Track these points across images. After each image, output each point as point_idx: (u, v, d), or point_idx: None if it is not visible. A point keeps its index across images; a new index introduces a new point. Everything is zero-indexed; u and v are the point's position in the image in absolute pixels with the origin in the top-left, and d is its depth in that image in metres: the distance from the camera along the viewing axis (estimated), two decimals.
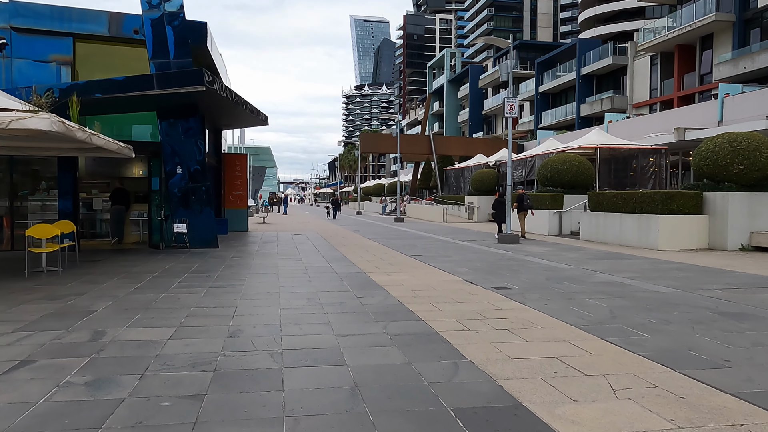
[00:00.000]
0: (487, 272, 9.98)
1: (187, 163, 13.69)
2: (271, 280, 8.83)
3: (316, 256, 12.63)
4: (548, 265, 11.14)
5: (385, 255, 12.92)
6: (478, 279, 9.10)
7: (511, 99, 16.65)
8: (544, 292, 7.79)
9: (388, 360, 4.47)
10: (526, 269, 10.46)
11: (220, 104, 14.89)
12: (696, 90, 32.99)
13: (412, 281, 8.81)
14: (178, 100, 13.18)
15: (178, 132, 13.69)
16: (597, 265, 11.02)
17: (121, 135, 14.21)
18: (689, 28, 31.74)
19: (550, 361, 4.48)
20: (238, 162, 21.12)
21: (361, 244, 16.11)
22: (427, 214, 35.22)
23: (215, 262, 11.22)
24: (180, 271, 9.78)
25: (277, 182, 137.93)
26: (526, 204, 17.90)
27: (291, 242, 16.40)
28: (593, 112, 41.35)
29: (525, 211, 17.97)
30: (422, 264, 11.20)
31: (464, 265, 11.07)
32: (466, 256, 12.87)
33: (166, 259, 11.69)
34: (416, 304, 6.84)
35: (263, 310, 6.48)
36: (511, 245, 15.81)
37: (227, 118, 18.40)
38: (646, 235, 14.79)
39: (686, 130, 24.58)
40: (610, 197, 16.59)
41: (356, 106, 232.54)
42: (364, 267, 10.58)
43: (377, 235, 19.58)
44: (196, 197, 13.79)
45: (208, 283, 8.46)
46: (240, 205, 21.09)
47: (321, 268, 10.34)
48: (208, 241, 13.93)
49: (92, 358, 4.43)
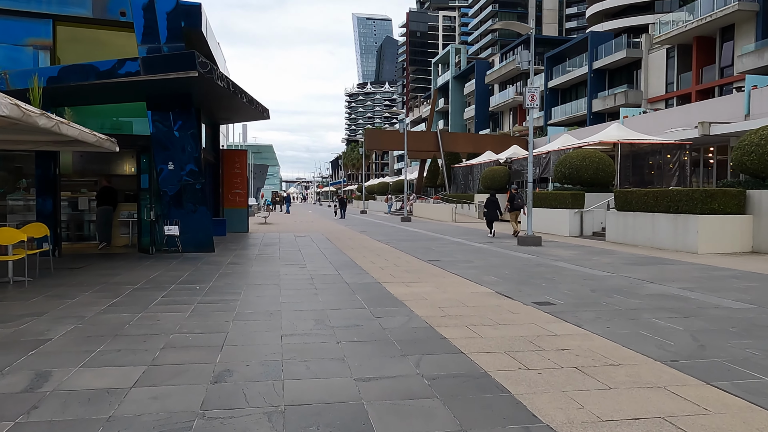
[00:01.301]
0: (519, 282, 8.69)
1: (179, 158, 12.43)
2: (272, 293, 7.56)
3: (322, 261, 11.35)
4: (584, 272, 9.85)
5: (399, 260, 11.64)
6: (512, 291, 7.81)
7: (532, 89, 15.35)
8: (597, 310, 6.50)
9: (434, 426, 3.19)
10: (561, 278, 9.17)
11: (217, 95, 13.63)
12: (716, 83, 31.60)
13: (437, 294, 7.53)
14: (169, 88, 11.92)
15: (170, 124, 12.42)
16: (639, 272, 9.72)
17: (108, 127, 12.95)
18: (709, 18, 30.36)
19: (659, 426, 3.20)
20: (238, 159, 19.85)
21: (370, 246, 14.83)
22: (435, 213, 33.93)
23: (209, 269, 9.94)
24: (167, 281, 8.51)
25: (279, 181, 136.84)
26: (518, 203, 17.88)
27: (294, 245, 15.13)
28: (606, 107, 39.97)
29: (517, 210, 17.93)
30: (442, 271, 9.91)
31: (490, 272, 9.78)
32: (488, 261, 11.58)
33: (155, 265, 10.42)
34: (449, 328, 5.56)
35: (260, 336, 5.21)
36: (534, 248, 14.52)
37: (225, 111, 17.14)
38: (683, 237, 13.48)
39: (711, 125, 23.21)
40: (641, 195, 15.28)
41: (359, 105, 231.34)
42: (377, 275, 9.30)
43: (386, 237, 18.30)
44: (189, 196, 12.53)
45: (197, 297, 7.19)
46: (239, 205, 19.83)
47: (329, 277, 9.06)
48: (203, 244, 12.67)
49: (13, 426, 3.15)
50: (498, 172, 30.07)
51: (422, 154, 42.63)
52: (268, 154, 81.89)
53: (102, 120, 13.22)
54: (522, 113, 56.65)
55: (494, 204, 18.00)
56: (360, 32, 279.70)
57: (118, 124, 13.21)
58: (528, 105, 15.34)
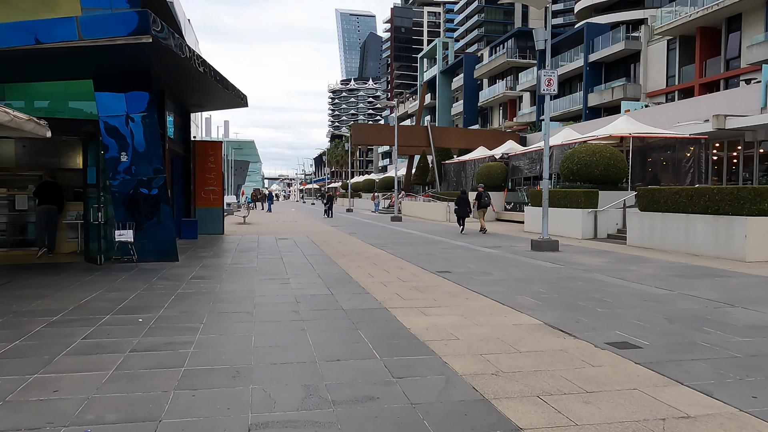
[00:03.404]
0: (565, 305, 6.72)
1: (135, 148, 10.24)
2: (241, 330, 5.47)
3: (310, 274, 9.27)
4: (634, 288, 7.93)
5: (402, 272, 9.61)
6: (566, 322, 5.83)
7: (549, 72, 13.42)
8: (706, 358, 4.54)
9: None
10: (613, 297, 7.23)
11: (184, 74, 11.46)
12: (722, 76, 30.08)
13: (469, 329, 5.52)
14: (121, 62, 9.73)
15: (123, 107, 10.23)
16: (700, 289, 7.85)
17: (47, 110, 10.71)
18: (716, 7, 28.78)
19: None
20: (212, 151, 17.63)
21: (364, 252, 12.78)
22: (426, 212, 31.95)
23: (165, 287, 7.81)
24: (102, 308, 6.37)
25: (261, 178, 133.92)
26: (485, 201, 19.25)
27: (275, 250, 13.02)
28: (603, 102, 38.36)
29: (484, 207, 19.33)
30: (460, 289, 7.90)
31: (520, 289, 7.81)
32: (510, 272, 9.61)
33: (97, 282, 8.25)
34: (513, 401, 3.56)
35: (217, 429, 3.14)
36: (552, 254, 12.62)
37: (197, 96, 14.93)
38: (726, 243, 11.66)
39: (727, 118, 21.58)
40: (671, 194, 13.45)
41: (342, 101, 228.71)
42: (381, 295, 7.26)
43: (379, 240, 16.25)
44: (147, 194, 10.36)
45: (135, 339, 5.08)
46: (214, 203, 17.62)
47: (319, 300, 7.00)
48: (165, 252, 10.51)
49: None
50: (495, 169, 28.20)
51: (411, 149, 40.61)
52: (249, 149, 79.32)
53: (55, 103, 10.97)
54: (513, 108, 54.95)
55: (465, 202, 18.99)
56: (343, 28, 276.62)
57: (61, 108, 10.94)
58: (544, 90, 13.41)
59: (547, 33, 13.51)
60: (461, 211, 19.01)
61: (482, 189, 19.64)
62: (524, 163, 26.86)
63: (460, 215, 19.07)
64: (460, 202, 19.06)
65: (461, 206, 19.01)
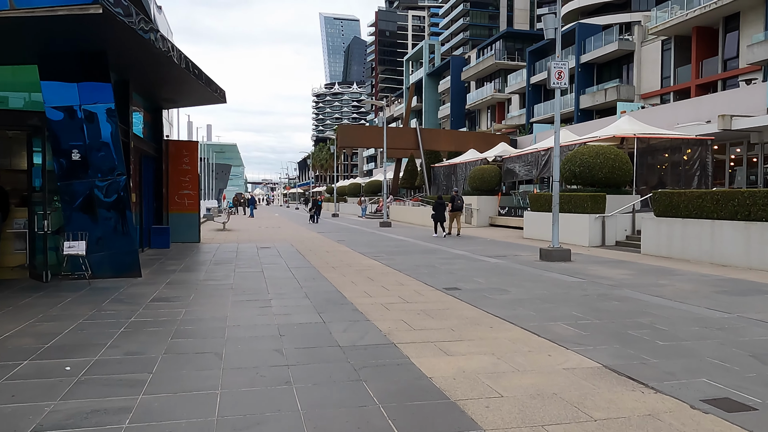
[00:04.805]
0: (612, 335, 5.39)
1: (89, 144, 8.73)
2: (204, 383, 4.02)
3: (295, 293, 7.83)
4: (681, 310, 6.63)
5: (403, 289, 8.21)
6: (627, 361, 4.50)
7: (559, 64, 12.16)
8: None
9: None
10: (666, 323, 5.92)
11: (151, 60, 9.97)
12: (719, 77, 29.26)
13: (509, 377, 4.14)
14: (69, 41, 8.23)
15: (75, 98, 8.71)
16: (762, 311, 6.59)
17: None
18: (714, 5, 27.96)
19: None
20: (187, 152, 16.06)
21: (356, 263, 11.36)
22: (415, 217, 30.60)
23: (114, 316, 6.30)
24: (22, 349, 4.86)
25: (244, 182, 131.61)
26: (458, 204, 19.86)
27: (256, 262, 11.54)
28: (595, 103, 37.45)
29: (458, 210, 19.91)
30: (477, 312, 6.54)
31: (546, 310, 6.48)
32: (526, 288, 8.27)
33: (31, 307, 6.71)
34: None
35: None
36: (564, 264, 11.34)
37: (168, 89, 13.41)
38: (760, 252, 10.47)
39: (733, 118, 20.60)
40: (693, 198, 12.26)
41: (326, 105, 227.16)
42: (385, 324, 5.85)
43: (371, 248, 14.84)
44: (104, 198, 8.84)
45: (51, 400, 3.61)
46: (189, 209, 16.05)
47: (308, 331, 5.57)
48: (125, 266, 8.98)
49: None
50: (488, 172, 26.96)
51: (399, 152, 39.30)
52: (231, 153, 77.48)
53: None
54: (501, 111, 53.95)
55: (442, 206, 19.69)
56: (327, 32, 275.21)
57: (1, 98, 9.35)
58: (554, 84, 12.15)
59: (558, 21, 12.26)
60: (438, 216, 19.75)
61: (456, 193, 20.66)
62: (519, 166, 25.64)
63: (438, 219, 19.78)
64: (438, 207, 19.82)
65: (438, 211, 19.76)
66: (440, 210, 19.74)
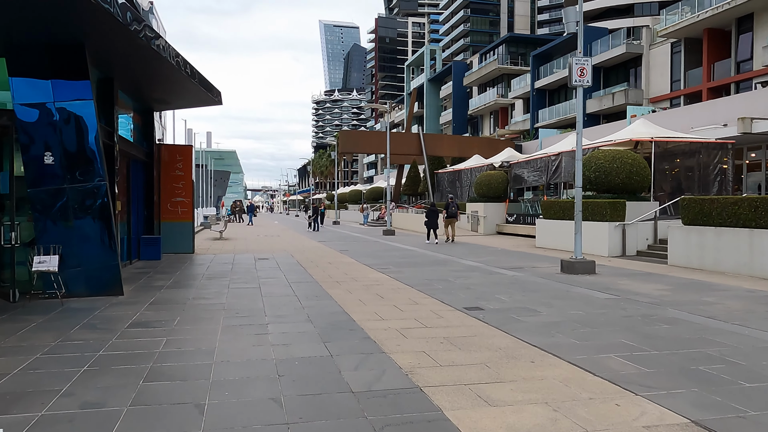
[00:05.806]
0: (682, 372, 4.40)
1: (65, 147, 7.77)
2: None
3: (296, 315, 6.84)
4: (746, 336, 5.70)
5: (418, 309, 7.22)
6: (718, 414, 3.56)
7: (581, 61, 11.23)
8: None
9: None
10: (738, 355, 4.95)
11: (137, 55, 9.03)
12: (732, 79, 28.36)
13: None
14: (41, 32, 7.29)
15: (49, 95, 7.76)
16: None
17: None
18: (726, 6, 27.11)
19: None
20: (180, 156, 15.10)
21: (362, 277, 10.36)
22: (419, 224, 29.56)
23: (80, 348, 5.31)
24: None
25: (244, 189, 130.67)
26: (452, 210, 19.70)
27: (253, 277, 10.54)
28: (603, 108, 36.53)
29: (452, 217, 19.71)
30: (510, 339, 5.54)
31: (589, 337, 5.49)
32: (557, 308, 7.28)
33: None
34: None
35: None
36: (589, 278, 10.38)
37: (159, 89, 12.46)
38: None
39: (753, 121, 19.68)
40: (727, 205, 11.29)
41: (326, 112, 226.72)
42: (404, 359, 4.86)
43: (377, 259, 13.84)
44: (81, 207, 7.87)
45: None
46: (182, 217, 15.07)
47: (312, 371, 4.57)
48: (104, 283, 7.99)
49: None
50: (495, 178, 26.00)
51: (402, 158, 38.36)
52: (231, 160, 76.46)
53: None
54: (504, 116, 53.06)
55: (435, 213, 19.80)
56: (327, 39, 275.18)
57: None
58: (576, 82, 11.20)
59: (579, 14, 11.33)
60: (431, 223, 19.73)
61: (451, 199, 20.42)
62: (528, 172, 24.68)
63: (431, 226, 19.74)
64: (431, 214, 19.92)
65: (431, 218, 19.77)
66: (433, 217, 19.79)
